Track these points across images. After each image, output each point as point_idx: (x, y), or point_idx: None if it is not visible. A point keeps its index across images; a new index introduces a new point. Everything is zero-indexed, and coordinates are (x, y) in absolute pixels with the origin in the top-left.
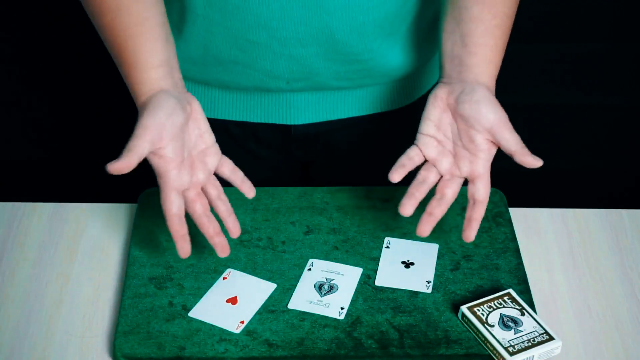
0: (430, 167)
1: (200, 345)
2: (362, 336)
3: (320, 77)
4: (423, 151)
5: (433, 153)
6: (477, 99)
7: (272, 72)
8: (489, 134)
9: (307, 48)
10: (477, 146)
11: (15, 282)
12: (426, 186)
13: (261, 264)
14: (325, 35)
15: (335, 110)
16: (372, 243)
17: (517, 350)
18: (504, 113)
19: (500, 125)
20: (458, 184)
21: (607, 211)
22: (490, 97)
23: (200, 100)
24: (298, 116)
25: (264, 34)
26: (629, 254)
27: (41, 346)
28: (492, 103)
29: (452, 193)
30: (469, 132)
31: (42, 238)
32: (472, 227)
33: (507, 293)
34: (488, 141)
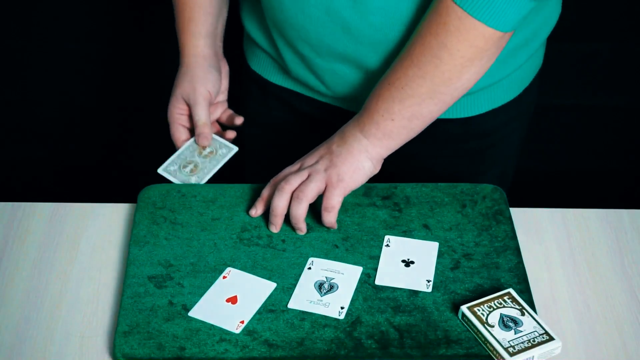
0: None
1: (200, 345)
2: (362, 336)
3: (364, 95)
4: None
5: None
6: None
7: (322, 79)
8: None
9: (345, 66)
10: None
11: (15, 282)
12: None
13: (261, 262)
14: (358, 57)
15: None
16: (372, 241)
17: (517, 350)
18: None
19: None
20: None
21: (607, 211)
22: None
23: (274, 67)
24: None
25: (306, 47)
26: (629, 254)
27: (41, 346)
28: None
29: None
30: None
31: (42, 238)
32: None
33: (507, 293)
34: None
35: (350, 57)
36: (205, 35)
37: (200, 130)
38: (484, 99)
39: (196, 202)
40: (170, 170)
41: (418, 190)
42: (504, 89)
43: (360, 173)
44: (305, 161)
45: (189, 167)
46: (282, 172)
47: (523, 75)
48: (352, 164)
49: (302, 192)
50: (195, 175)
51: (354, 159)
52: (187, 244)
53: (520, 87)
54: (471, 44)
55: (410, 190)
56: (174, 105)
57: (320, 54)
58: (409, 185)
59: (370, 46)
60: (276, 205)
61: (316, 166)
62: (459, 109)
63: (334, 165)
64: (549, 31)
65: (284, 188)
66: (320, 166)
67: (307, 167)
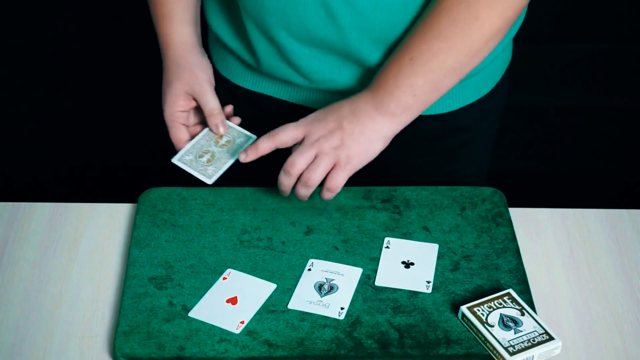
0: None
1: (200, 345)
2: (362, 336)
3: (342, 78)
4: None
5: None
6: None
7: (298, 67)
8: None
9: (325, 52)
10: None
11: (15, 282)
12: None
13: (261, 264)
14: (341, 45)
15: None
16: (372, 243)
17: (517, 350)
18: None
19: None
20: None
21: (607, 211)
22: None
23: (246, 73)
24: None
25: (284, 34)
26: (629, 254)
27: (41, 346)
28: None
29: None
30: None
31: (42, 238)
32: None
33: (507, 293)
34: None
35: (332, 40)
36: (189, 23)
37: (216, 118)
38: (459, 95)
39: (196, 205)
40: (186, 160)
41: (418, 193)
42: (478, 84)
43: (369, 154)
44: (312, 132)
45: (205, 156)
46: (284, 132)
47: (495, 70)
48: (364, 144)
49: (310, 179)
50: (212, 166)
51: (366, 139)
52: (187, 246)
53: (493, 82)
54: (501, 15)
55: (410, 193)
56: (174, 102)
57: (300, 39)
58: (409, 189)
59: (356, 30)
60: (283, 185)
61: (324, 144)
62: (435, 105)
63: (344, 146)
64: (518, 25)
65: (290, 172)
66: (329, 144)
67: (314, 140)
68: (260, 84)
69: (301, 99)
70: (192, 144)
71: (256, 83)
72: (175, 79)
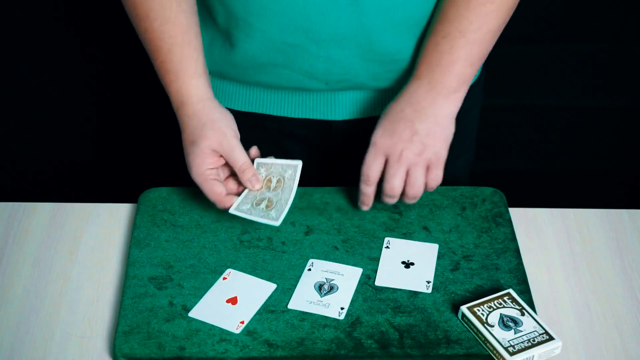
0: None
1: (200, 345)
2: (362, 336)
3: (359, 78)
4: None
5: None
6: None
7: (310, 73)
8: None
9: (344, 50)
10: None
11: (15, 282)
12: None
13: (261, 264)
14: (362, 36)
15: (376, 107)
16: (372, 243)
17: (517, 350)
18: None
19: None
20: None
21: (607, 211)
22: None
23: (239, 98)
24: (338, 113)
25: (301, 36)
26: (629, 254)
27: (41, 346)
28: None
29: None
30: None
31: (42, 238)
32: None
33: (507, 293)
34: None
35: (353, 33)
36: (202, 74)
37: (249, 173)
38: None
39: (196, 205)
40: (244, 209)
41: None
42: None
43: (449, 139)
44: (391, 150)
45: (263, 203)
46: (370, 169)
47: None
48: (442, 134)
49: (417, 193)
50: (273, 210)
51: (442, 128)
52: (187, 246)
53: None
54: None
55: None
56: (203, 161)
57: (318, 39)
58: None
59: (380, 17)
60: (388, 202)
61: (410, 155)
62: None
63: (427, 147)
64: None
65: (393, 195)
66: (414, 154)
67: (398, 157)
68: (266, 103)
69: (313, 107)
70: (245, 195)
71: (263, 103)
72: (199, 137)
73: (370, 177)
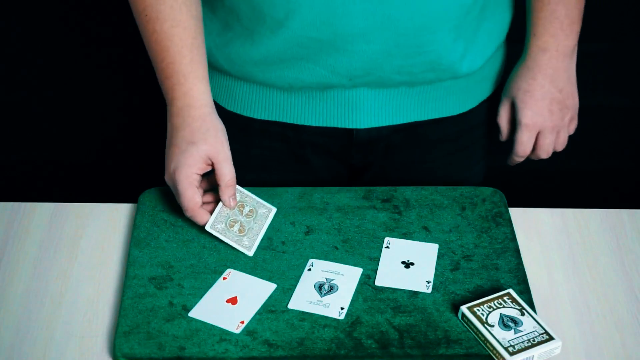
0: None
1: (200, 345)
2: (362, 336)
3: (383, 72)
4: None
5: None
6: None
7: (334, 68)
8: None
9: (369, 44)
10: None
11: (16, 281)
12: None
13: (261, 264)
14: (388, 29)
15: (398, 113)
16: (372, 243)
17: (517, 350)
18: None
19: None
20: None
21: (607, 211)
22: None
23: (261, 102)
24: (360, 119)
25: (326, 30)
26: (629, 254)
27: (41, 346)
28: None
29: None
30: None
31: (42, 238)
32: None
33: (507, 293)
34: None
35: (379, 28)
36: (207, 81)
37: (231, 190)
38: (478, 90)
39: None
40: (218, 228)
41: (418, 193)
42: (492, 78)
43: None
44: (543, 127)
45: (235, 226)
46: (525, 148)
47: (502, 62)
48: (575, 87)
49: (558, 147)
50: (245, 237)
51: (574, 83)
52: (187, 246)
53: (499, 79)
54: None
55: (410, 194)
56: (195, 164)
57: (342, 35)
58: (409, 189)
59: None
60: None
61: (559, 124)
62: (456, 105)
63: (570, 107)
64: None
65: (546, 153)
66: (561, 120)
67: (549, 132)
68: (286, 110)
69: (334, 114)
70: (218, 212)
71: (284, 110)
72: (200, 140)
73: (526, 153)
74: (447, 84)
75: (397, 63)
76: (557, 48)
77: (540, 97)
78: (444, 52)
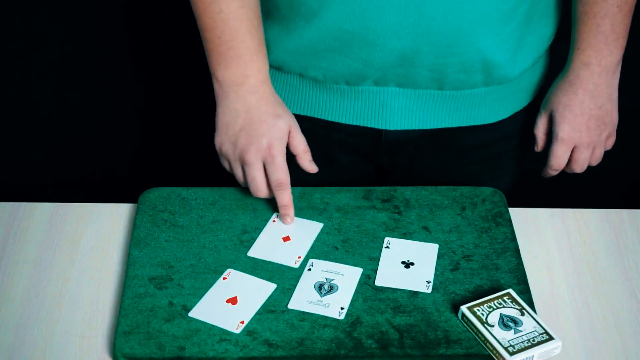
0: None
1: (200, 345)
2: (362, 336)
3: (414, 68)
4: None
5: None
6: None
7: (367, 61)
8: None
9: (402, 40)
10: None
11: (16, 282)
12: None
13: (261, 264)
14: (422, 27)
15: (428, 117)
16: (372, 243)
17: (517, 350)
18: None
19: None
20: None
21: (607, 211)
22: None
23: (293, 95)
24: (390, 120)
25: (358, 24)
26: (629, 254)
27: (41, 346)
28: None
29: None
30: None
31: (42, 238)
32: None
33: (507, 293)
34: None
35: (412, 25)
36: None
37: (309, 156)
38: (514, 100)
39: (196, 205)
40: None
41: (418, 193)
42: (529, 89)
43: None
44: (579, 143)
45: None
46: (560, 162)
47: (542, 74)
48: (616, 104)
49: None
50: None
51: (614, 100)
52: (187, 246)
53: (537, 90)
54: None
55: (410, 194)
56: (285, 138)
57: (375, 30)
58: (409, 189)
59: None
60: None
61: (596, 140)
62: (488, 114)
63: (607, 124)
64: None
65: (580, 167)
66: (599, 136)
67: (585, 147)
68: (318, 105)
69: (364, 112)
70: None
71: (315, 104)
72: (283, 113)
73: (560, 167)
74: (480, 91)
75: (429, 60)
76: (600, 63)
77: (580, 113)
78: (477, 54)
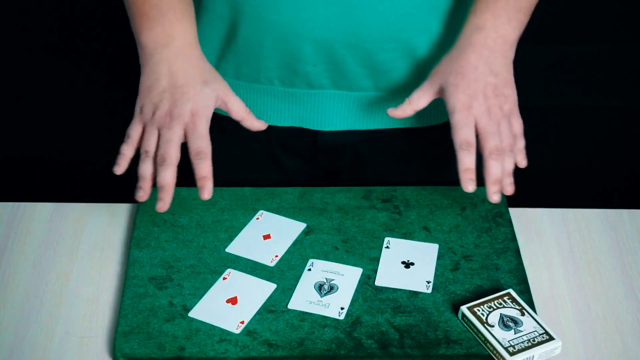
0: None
1: (200, 345)
2: (362, 336)
3: (345, 64)
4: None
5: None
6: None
7: (297, 55)
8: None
9: (330, 32)
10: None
11: (15, 282)
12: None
13: (261, 264)
14: (350, 18)
15: (363, 119)
16: (372, 243)
17: (517, 350)
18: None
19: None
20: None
21: (607, 211)
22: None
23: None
24: (324, 121)
25: (286, 15)
26: (629, 254)
27: (41, 346)
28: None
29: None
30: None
31: (42, 238)
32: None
33: (507, 293)
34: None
35: (338, 20)
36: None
37: (253, 116)
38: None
39: (196, 205)
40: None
41: (418, 193)
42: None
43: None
44: (478, 112)
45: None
46: (465, 134)
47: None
48: (512, 79)
49: (505, 147)
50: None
51: (511, 74)
52: (187, 246)
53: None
54: None
55: (410, 194)
56: (213, 106)
57: (303, 20)
58: (409, 189)
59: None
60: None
61: (498, 113)
62: (423, 116)
63: (507, 97)
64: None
65: (499, 156)
66: (498, 109)
67: (488, 119)
68: (257, 109)
69: (299, 113)
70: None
71: (255, 109)
72: (212, 79)
73: (468, 137)
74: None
75: (359, 55)
76: (497, 29)
77: (474, 79)
78: (410, 53)
